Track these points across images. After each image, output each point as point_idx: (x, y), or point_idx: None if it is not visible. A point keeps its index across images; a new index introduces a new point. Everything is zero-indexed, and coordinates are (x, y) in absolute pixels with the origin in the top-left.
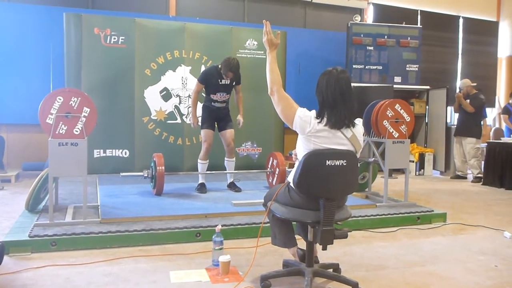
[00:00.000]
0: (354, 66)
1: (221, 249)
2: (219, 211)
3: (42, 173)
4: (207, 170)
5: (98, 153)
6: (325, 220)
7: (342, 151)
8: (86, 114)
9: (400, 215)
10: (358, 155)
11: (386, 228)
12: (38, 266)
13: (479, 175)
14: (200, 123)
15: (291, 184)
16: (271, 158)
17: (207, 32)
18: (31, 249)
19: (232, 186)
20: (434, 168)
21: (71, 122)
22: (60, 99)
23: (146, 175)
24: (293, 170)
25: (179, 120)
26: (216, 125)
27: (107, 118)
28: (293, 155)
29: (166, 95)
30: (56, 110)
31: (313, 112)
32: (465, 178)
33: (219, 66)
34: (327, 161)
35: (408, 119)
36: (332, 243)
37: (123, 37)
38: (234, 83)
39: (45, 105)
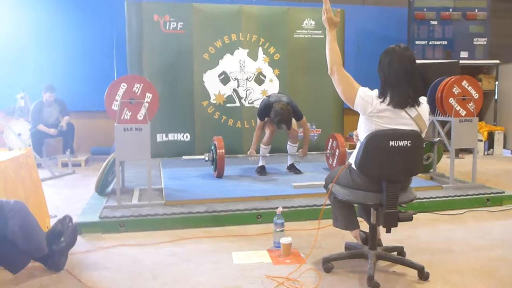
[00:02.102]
0: (416, 42)
1: (282, 231)
2: (279, 193)
3: (109, 157)
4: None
5: (161, 137)
6: (389, 203)
7: (406, 131)
8: (149, 100)
9: (468, 197)
10: (423, 135)
11: (452, 211)
12: (108, 245)
13: None
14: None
15: (353, 166)
16: (330, 139)
17: (263, 13)
18: (101, 230)
19: (292, 168)
20: (504, 147)
21: (135, 108)
22: (124, 86)
23: (207, 158)
24: (355, 152)
25: (237, 103)
26: None
27: (168, 103)
28: (354, 136)
29: (225, 78)
30: (121, 97)
31: (375, 92)
32: None
33: (272, 110)
34: (390, 141)
35: (476, 96)
36: (396, 226)
37: (182, 23)
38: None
39: (110, 92)
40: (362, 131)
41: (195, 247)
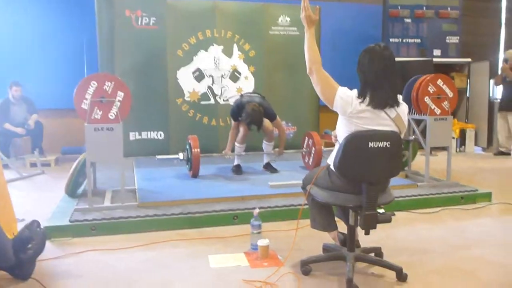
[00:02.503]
0: (391, 39)
1: (259, 232)
2: (256, 193)
3: (79, 158)
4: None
5: (134, 135)
6: (368, 205)
7: (386, 132)
8: (121, 99)
9: (443, 195)
10: (402, 136)
11: (428, 209)
12: (79, 251)
13: None
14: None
15: (332, 167)
16: (306, 137)
17: (238, 10)
18: (72, 234)
19: (268, 167)
20: (476, 145)
21: (106, 107)
22: (94, 84)
23: (181, 157)
24: (333, 153)
25: (212, 101)
26: None
27: (141, 100)
28: (332, 137)
29: (199, 75)
30: (91, 95)
31: (355, 92)
32: (509, 154)
33: (243, 112)
34: (369, 143)
35: (451, 95)
36: (375, 228)
37: (154, 18)
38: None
39: (80, 90)
40: (341, 131)
41: (170, 251)
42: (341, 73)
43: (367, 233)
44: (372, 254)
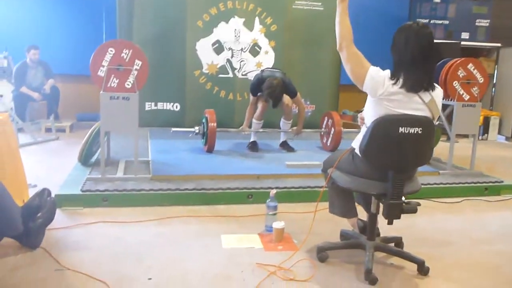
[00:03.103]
0: (417, 20)
1: (275, 214)
2: (272, 172)
3: (94, 126)
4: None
5: (150, 106)
6: (394, 193)
7: (418, 117)
8: (138, 67)
9: (466, 185)
10: (435, 122)
11: (450, 198)
12: (90, 222)
13: None
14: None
15: (357, 151)
16: (326, 117)
17: None
18: (83, 204)
19: (285, 146)
20: (499, 133)
21: (123, 75)
22: (112, 51)
23: (197, 131)
24: (359, 136)
25: (230, 74)
26: None
27: (159, 70)
28: (359, 119)
29: (218, 48)
30: (108, 62)
31: (387, 72)
32: None
33: (264, 84)
34: (400, 128)
35: (481, 80)
36: (399, 218)
37: None
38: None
39: (97, 56)
40: (370, 114)
41: (182, 227)
42: (365, 54)
43: (390, 223)
44: (392, 244)
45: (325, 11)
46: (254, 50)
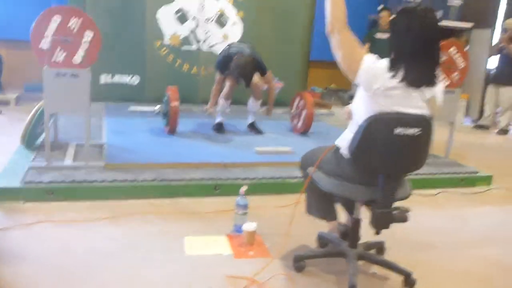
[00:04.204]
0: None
1: (245, 214)
2: (240, 159)
3: (38, 105)
4: None
5: (105, 78)
6: (384, 200)
7: (417, 117)
8: (89, 39)
9: (443, 175)
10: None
11: (426, 190)
12: (32, 222)
13: (508, 128)
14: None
15: (343, 151)
16: (297, 98)
17: None
18: (24, 198)
19: (253, 128)
20: (466, 115)
21: (71, 48)
22: (58, 19)
23: (158, 110)
24: (346, 134)
25: (195, 47)
26: None
27: (116, 40)
28: (346, 113)
29: (182, 17)
30: (52, 33)
31: (385, 63)
32: (487, 128)
33: (232, 62)
34: (396, 128)
35: (462, 65)
36: (387, 228)
37: None
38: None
39: (38, 25)
40: (361, 110)
41: (140, 227)
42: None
43: (377, 233)
44: (374, 250)
45: None
46: (221, 21)
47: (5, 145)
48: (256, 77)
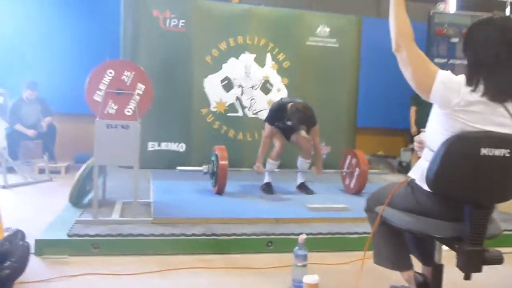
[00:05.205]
0: (436, 60)
1: (305, 266)
2: (292, 215)
3: (88, 161)
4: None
5: (153, 146)
6: (473, 236)
7: (506, 136)
8: (141, 92)
9: None
10: None
11: (502, 248)
12: (75, 274)
13: None
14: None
15: (418, 182)
16: (348, 156)
17: (274, 16)
18: (68, 251)
19: (303, 188)
20: None
21: (123, 101)
22: (111, 73)
23: (206, 170)
24: (420, 163)
25: (240, 113)
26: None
27: (163, 108)
28: (415, 143)
29: (228, 85)
30: (106, 86)
31: (462, 77)
32: None
33: (288, 109)
34: (482, 149)
35: None
36: (480, 271)
37: (183, 20)
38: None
39: (94, 78)
40: (438, 132)
41: (189, 281)
42: (375, 93)
43: (467, 277)
44: None
45: (340, 48)
46: (266, 87)
47: (53, 206)
48: (303, 134)
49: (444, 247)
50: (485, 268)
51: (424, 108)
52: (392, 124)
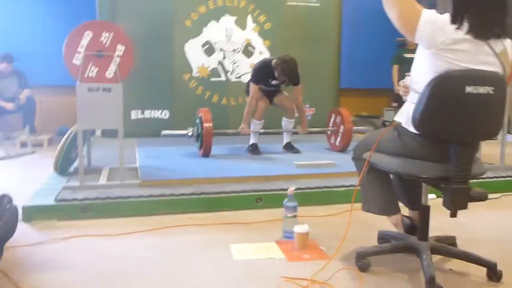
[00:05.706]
0: None
1: (295, 216)
2: (281, 172)
3: (71, 128)
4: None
5: (136, 114)
6: (459, 175)
7: (489, 73)
8: (121, 53)
9: (502, 179)
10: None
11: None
12: (66, 236)
13: None
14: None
15: (404, 125)
16: (333, 114)
17: None
18: (57, 216)
19: (289, 148)
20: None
21: (103, 63)
22: (89, 34)
23: (191, 133)
24: (406, 107)
25: (223, 78)
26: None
27: (145, 76)
28: (400, 87)
29: (209, 49)
30: (84, 48)
31: (447, 16)
32: None
33: (273, 62)
34: (467, 87)
35: None
36: (466, 208)
37: None
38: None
39: (71, 41)
40: (424, 72)
41: (182, 237)
42: (362, 54)
43: (453, 215)
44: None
45: (322, 7)
46: (248, 50)
47: (38, 176)
48: (285, 92)
49: (430, 195)
50: (470, 212)
51: (406, 66)
52: (375, 84)
